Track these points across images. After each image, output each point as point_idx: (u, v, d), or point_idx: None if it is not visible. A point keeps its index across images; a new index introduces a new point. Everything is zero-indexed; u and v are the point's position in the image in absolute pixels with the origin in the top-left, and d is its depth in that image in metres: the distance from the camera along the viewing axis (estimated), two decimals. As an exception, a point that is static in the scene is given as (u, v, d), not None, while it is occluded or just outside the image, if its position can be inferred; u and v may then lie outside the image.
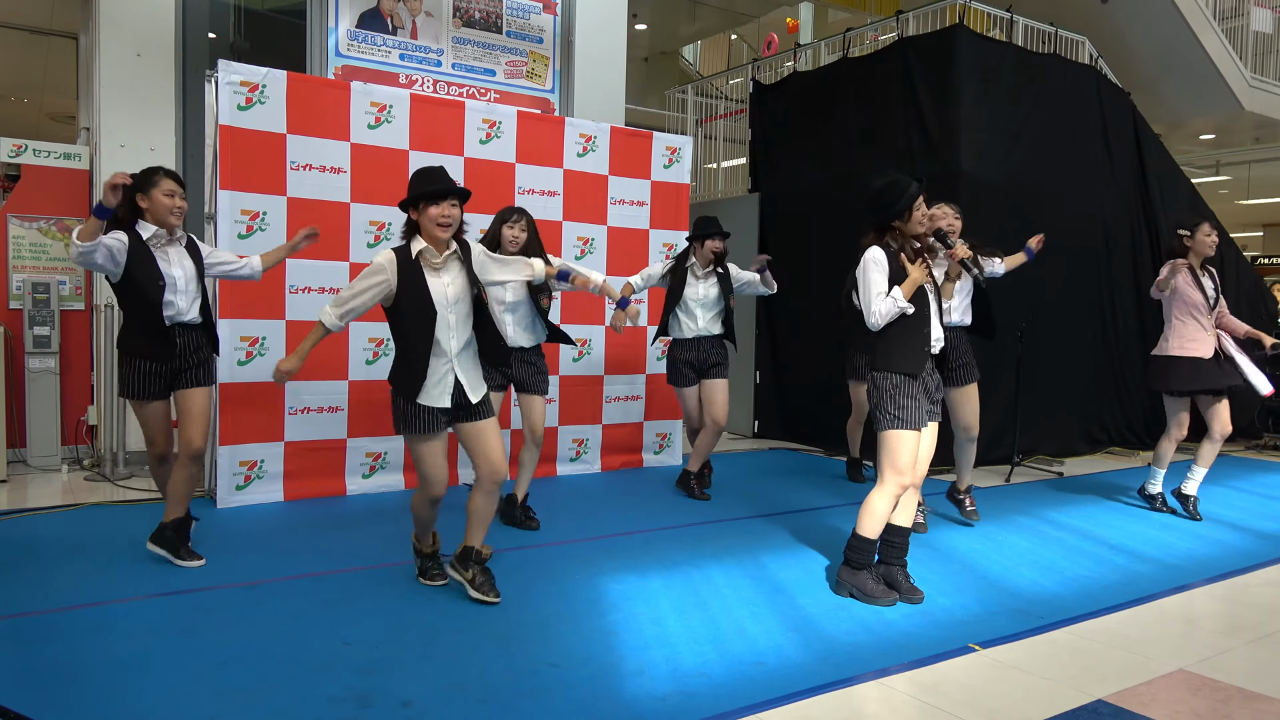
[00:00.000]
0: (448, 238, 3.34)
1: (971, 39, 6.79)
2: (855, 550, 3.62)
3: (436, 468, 3.42)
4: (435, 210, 3.27)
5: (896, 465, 3.54)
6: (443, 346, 3.36)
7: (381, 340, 5.35)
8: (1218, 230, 5.21)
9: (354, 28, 6.49)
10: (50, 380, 5.96)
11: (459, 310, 3.39)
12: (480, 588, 3.45)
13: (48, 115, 12.57)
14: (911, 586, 3.67)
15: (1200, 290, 5.11)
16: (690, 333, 5.37)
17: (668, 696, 2.69)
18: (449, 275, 3.37)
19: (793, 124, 8.14)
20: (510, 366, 4.49)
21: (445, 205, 3.28)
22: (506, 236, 4.43)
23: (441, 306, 3.33)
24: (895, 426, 3.54)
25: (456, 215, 3.32)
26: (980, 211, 6.50)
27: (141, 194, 3.75)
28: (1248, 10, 9.98)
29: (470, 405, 3.42)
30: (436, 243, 3.34)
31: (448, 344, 3.37)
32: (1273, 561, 4.42)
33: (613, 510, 5.19)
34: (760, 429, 8.30)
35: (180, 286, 3.80)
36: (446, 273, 3.37)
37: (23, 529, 4.46)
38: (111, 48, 5.82)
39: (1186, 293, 5.12)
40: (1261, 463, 7.60)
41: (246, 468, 5.03)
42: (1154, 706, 2.72)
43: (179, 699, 2.59)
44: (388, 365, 3.72)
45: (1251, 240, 19.83)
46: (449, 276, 3.37)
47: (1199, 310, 5.10)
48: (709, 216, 5.45)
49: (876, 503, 3.57)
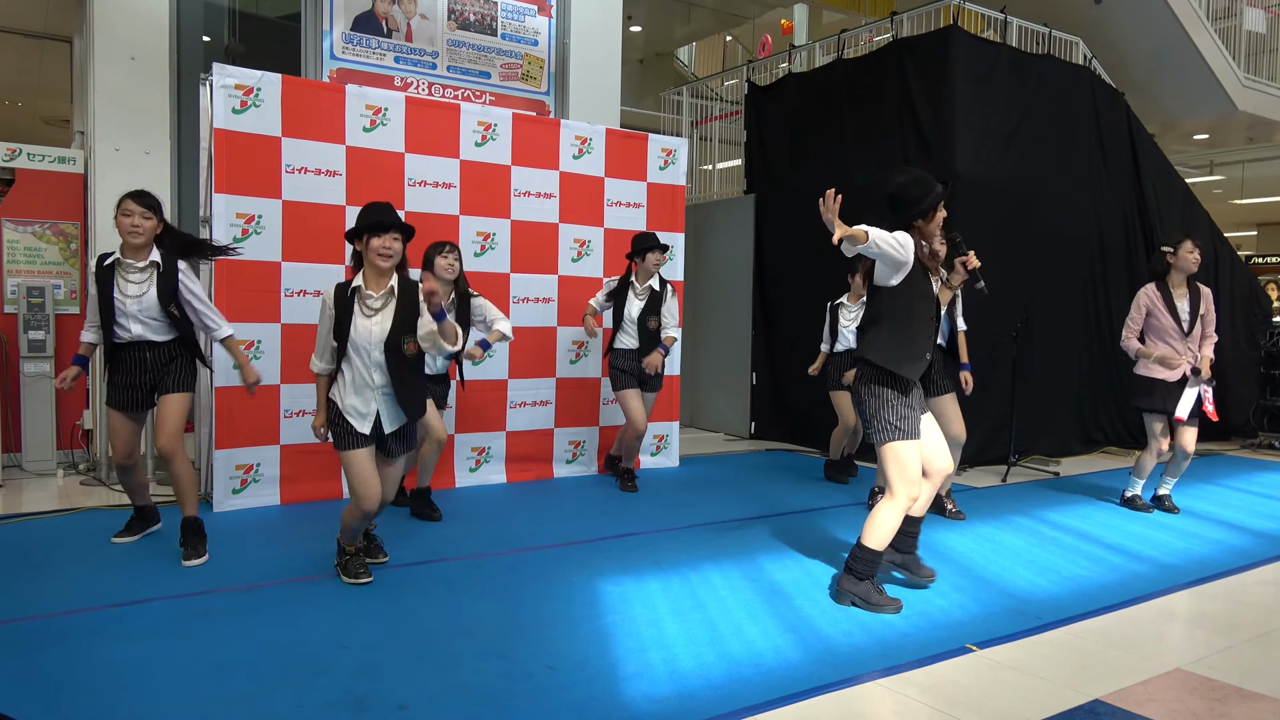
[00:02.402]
0: (389, 268, 3.52)
1: (966, 40, 6.81)
2: (860, 561, 3.51)
3: (364, 482, 3.57)
4: (377, 242, 3.47)
5: (907, 477, 3.45)
6: (365, 379, 3.54)
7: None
8: (1200, 248, 5.22)
9: (349, 30, 6.49)
10: (45, 385, 5.94)
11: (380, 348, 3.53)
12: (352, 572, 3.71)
13: (42, 119, 12.54)
14: (925, 568, 3.74)
15: (1173, 314, 5.13)
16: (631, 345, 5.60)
17: (665, 698, 2.69)
18: (380, 317, 3.53)
19: (788, 125, 8.15)
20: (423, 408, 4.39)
21: (387, 238, 3.48)
22: (440, 265, 4.66)
23: (366, 343, 3.51)
24: (899, 438, 3.44)
25: (397, 249, 3.51)
26: (975, 212, 6.52)
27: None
28: (1240, 10, 10.00)
29: (384, 438, 3.61)
30: (378, 274, 3.52)
31: (369, 378, 3.54)
32: (1269, 560, 4.43)
33: (609, 512, 5.18)
34: (757, 430, 8.30)
35: (130, 310, 3.91)
36: (381, 312, 3.53)
37: (18, 534, 4.45)
38: (106, 51, 5.81)
39: (1153, 320, 5.20)
40: (1257, 462, 7.61)
41: (243, 471, 5.02)
42: (1151, 706, 2.72)
43: (176, 703, 2.58)
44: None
45: (1245, 239, 19.88)
46: (380, 317, 3.53)
47: (1166, 335, 5.15)
48: (647, 233, 5.71)
49: (886, 517, 3.47)
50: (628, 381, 5.58)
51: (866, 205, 7.12)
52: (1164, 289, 5.19)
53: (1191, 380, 5.12)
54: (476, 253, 5.71)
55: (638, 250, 5.53)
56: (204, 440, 5.20)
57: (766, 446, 7.88)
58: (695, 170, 9.88)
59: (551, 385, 6.09)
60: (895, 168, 6.96)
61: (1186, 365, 5.10)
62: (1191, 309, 5.16)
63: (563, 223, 6.07)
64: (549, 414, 6.07)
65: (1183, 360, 5.09)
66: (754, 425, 8.33)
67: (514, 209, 5.84)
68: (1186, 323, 5.14)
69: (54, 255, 6.14)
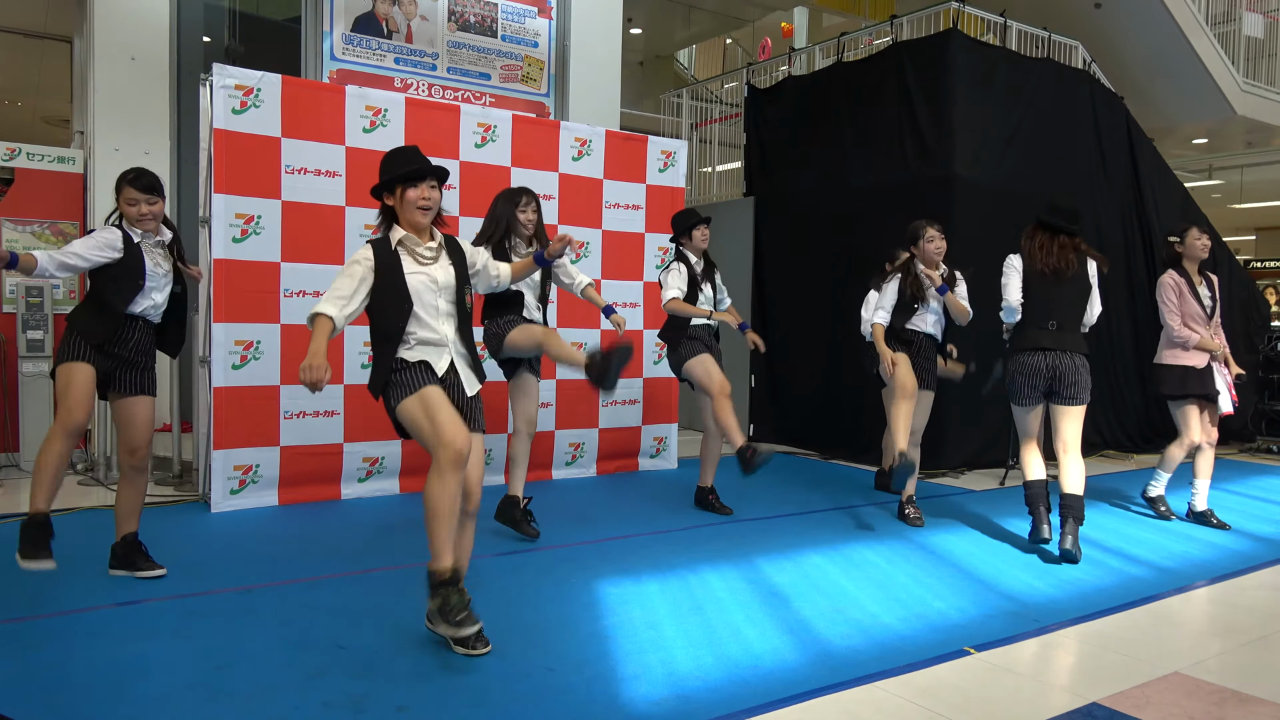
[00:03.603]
0: (428, 223, 3.07)
1: (965, 43, 6.82)
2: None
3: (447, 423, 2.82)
4: (414, 193, 3.00)
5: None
6: (438, 334, 3.02)
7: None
8: (1208, 233, 5.21)
9: (349, 31, 6.50)
10: (44, 384, 5.93)
11: (447, 296, 3.07)
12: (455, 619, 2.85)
13: (42, 119, 12.55)
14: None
15: (1196, 299, 5.09)
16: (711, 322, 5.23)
17: (664, 700, 2.69)
18: (438, 267, 3.07)
19: (787, 128, 8.15)
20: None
21: (424, 187, 3.01)
22: (522, 221, 4.40)
23: (431, 293, 3.03)
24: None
25: (436, 198, 3.04)
26: (974, 215, 6.53)
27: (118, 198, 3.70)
28: (1239, 15, 10.02)
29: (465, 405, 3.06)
30: (418, 229, 3.06)
31: (441, 330, 3.03)
32: (1267, 564, 4.43)
33: (608, 514, 5.18)
34: (755, 432, 8.30)
35: (160, 286, 3.71)
36: (436, 264, 3.07)
37: (15, 533, 4.43)
38: (106, 51, 5.81)
39: (1184, 304, 5.11)
40: (1255, 465, 7.62)
41: (241, 472, 5.01)
42: (1148, 709, 2.72)
43: (174, 704, 2.58)
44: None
45: (1244, 244, 19.91)
46: (437, 268, 3.06)
47: (1195, 320, 5.08)
48: (687, 210, 5.37)
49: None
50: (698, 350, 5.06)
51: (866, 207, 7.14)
52: (1184, 274, 5.12)
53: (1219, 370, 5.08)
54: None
55: (683, 230, 5.16)
56: (202, 440, 5.20)
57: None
58: (695, 173, 9.89)
59: (551, 387, 6.08)
60: (892, 171, 7.00)
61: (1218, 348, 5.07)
62: (1211, 294, 5.15)
63: (562, 224, 6.07)
64: (549, 416, 6.07)
65: (1217, 345, 5.07)
66: (752, 427, 8.33)
67: (513, 210, 5.84)
68: (1210, 308, 5.12)
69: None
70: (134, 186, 3.67)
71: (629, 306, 6.38)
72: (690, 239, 5.18)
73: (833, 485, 6.19)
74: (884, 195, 6.99)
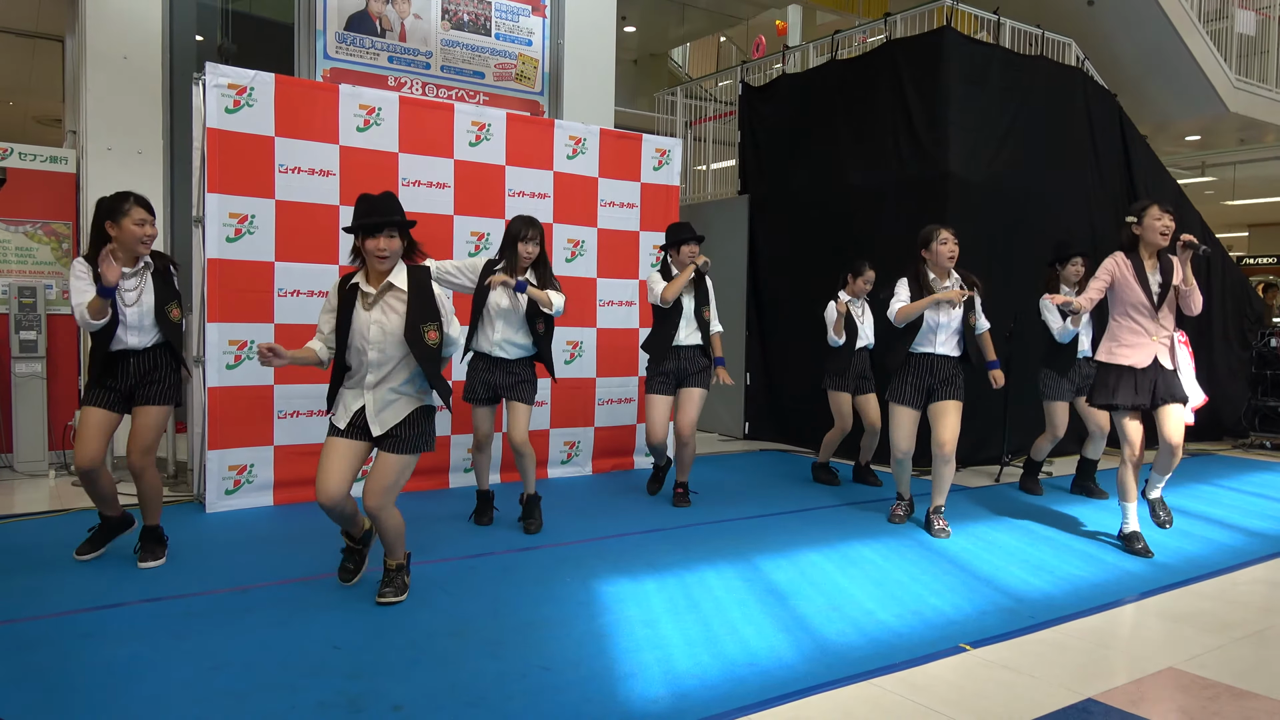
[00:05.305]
0: (387, 269, 3.31)
1: (959, 41, 6.82)
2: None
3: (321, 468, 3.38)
4: (371, 244, 3.26)
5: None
6: (356, 376, 3.38)
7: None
8: (1171, 213, 4.36)
9: (342, 30, 6.48)
10: (37, 385, 5.92)
11: (381, 346, 3.31)
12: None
13: (34, 118, 12.49)
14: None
15: (1143, 285, 4.29)
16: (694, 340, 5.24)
17: (660, 699, 2.69)
18: (378, 312, 3.32)
19: (782, 126, 8.15)
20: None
21: (381, 239, 3.25)
22: (523, 253, 4.50)
23: (362, 340, 3.31)
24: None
25: (395, 246, 3.28)
26: (967, 212, 6.54)
27: (111, 221, 3.71)
28: (1232, 12, 10.05)
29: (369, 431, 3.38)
30: (377, 274, 3.33)
31: (360, 373, 3.36)
32: (1260, 559, 4.45)
33: (604, 512, 5.18)
34: (751, 430, 8.31)
35: (131, 322, 3.77)
36: (378, 309, 3.32)
37: (10, 535, 4.43)
38: (98, 50, 5.79)
39: (1122, 289, 4.36)
40: (1249, 461, 7.65)
41: (236, 472, 5.00)
42: (1143, 705, 2.73)
43: (169, 705, 2.58)
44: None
45: (1237, 241, 19.98)
46: (378, 313, 3.31)
47: (1135, 309, 4.33)
48: (682, 223, 5.37)
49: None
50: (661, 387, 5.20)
51: (860, 204, 7.12)
52: (1135, 258, 4.36)
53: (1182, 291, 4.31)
54: (471, 253, 5.70)
55: (672, 242, 5.23)
56: (196, 441, 5.18)
57: (760, 447, 7.89)
58: (689, 171, 9.89)
59: (546, 385, 6.07)
60: (887, 169, 7.01)
61: (1159, 346, 4.31)
62: (1164, 282, 4.31)
63: (557, 223, 6.07)
64: (544, 414, 6.06)
65: (1151, 339, 4.30)
66: (748, 425, 8.34)
67: (508, 209, 5.83)
68: (1158, 296, 4.30)
69: (46, 255, 6.12)
70: (142, 206, 3.77)
71: (624, 305, 6.38)
72: (678, 252, 5.21)
73: (823, 485, 6.19)
74: (878, 192, 6.99)
